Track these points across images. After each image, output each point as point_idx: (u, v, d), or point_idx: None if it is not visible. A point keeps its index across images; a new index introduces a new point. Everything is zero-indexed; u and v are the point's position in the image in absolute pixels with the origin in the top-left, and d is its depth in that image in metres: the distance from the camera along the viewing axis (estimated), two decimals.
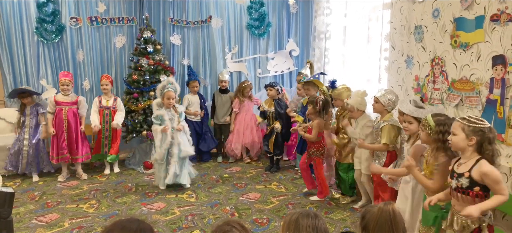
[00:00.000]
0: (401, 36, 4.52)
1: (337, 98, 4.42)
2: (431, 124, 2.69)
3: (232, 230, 1.55)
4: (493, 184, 2.26)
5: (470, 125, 2.31)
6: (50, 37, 5.76)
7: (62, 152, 5.25)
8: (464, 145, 2.33)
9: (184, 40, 6.40)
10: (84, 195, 4.78)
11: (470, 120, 2.32)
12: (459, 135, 2.35)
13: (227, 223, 1.58)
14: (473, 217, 2.25)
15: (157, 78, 5.73)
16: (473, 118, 2.34)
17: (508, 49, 3.12)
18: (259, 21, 6.64)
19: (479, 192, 2.30)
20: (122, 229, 1.36)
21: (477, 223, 2.34)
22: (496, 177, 2.25)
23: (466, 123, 2.32)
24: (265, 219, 4.09)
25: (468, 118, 2.34)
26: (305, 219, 1.69)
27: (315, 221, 1.67)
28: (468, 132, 2.31)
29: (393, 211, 1.71)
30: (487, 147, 2.28)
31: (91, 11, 5.98)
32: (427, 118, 2.74)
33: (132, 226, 1.37)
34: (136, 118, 5.71)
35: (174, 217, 4.15)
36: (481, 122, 2.31)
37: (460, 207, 2.38)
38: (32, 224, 4.01)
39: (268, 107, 5.61)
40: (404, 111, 3.24)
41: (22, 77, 5.71)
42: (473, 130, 2.30)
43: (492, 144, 2.28)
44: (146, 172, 5.65)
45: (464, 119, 2.35)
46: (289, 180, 5.29)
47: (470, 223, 2.34)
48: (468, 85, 3.53)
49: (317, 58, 6.66)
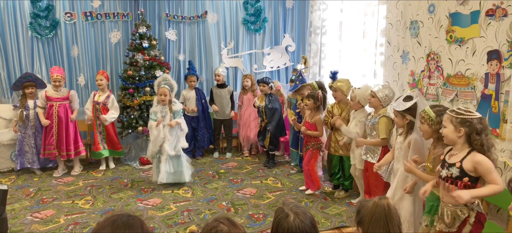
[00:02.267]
0: (397, 31, 4.52)
1: (338, 90, 4.43)
2: (432, 115, 2.70)
3: (219, 225, 1.55)
4: (486, 173, 2.27)
5: (458, 117, 2.32)
6: (44, 32, 5.73)
7: (49, 148, 5.20)
8: (454, 136, 2.35)
9: (179, 36, 6.38)
10: (80, 191, 4.77)
11: (458, 112, 2.33)
12: (448, 127, 2.37)
13: (215, 219, 1.58)
14: (461, 200, 2.22)
15: (153, 74, 5.71)
16: (462, 109, 2.34)
17: (503, 44, 3.12)
18: (255, 17, 6.62)
19: (467, 183, 2.32)
20: (113, 224, 1.37)
21: (467, 211, 2.36)
22: (488, 166, 2.26)
23: (454, 115, 2.34)
24: (261, 214, 4.09)
25: (456, 109, 2.35)
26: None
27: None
28: (455, 124, 2.33)
29: (387, 206, 1.71)
30: (475, 138, 2.28)
31: (86, 7, 5.94)
32: (427, 111, 2.75)
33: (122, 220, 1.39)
34: (131, 113, 5.69)
35: (170, 213, 4.15)
36: (469, 113, 2.31)
37: (448, 198, 2.40)
38: (27, 220, 3.99)
39: (260, 102, 5.61)
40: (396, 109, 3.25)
41: (16, 72, 5.67)
42: (461, 122, 2.31)
43: (481, 135, 2.28)
44: (142, 168, 5.64)
45: (452, 111, 2.37)
46: (285, 176, 5.30)
47: (459, 212, 2.37)
48: (463, 80, 3.54)
49: (313, 53, 6.66)
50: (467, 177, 2.31)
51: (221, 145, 6.44)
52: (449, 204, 2.42)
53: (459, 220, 2.38)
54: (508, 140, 3.02)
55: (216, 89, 6.18)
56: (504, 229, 3.00)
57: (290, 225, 1.66)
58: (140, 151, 5.84)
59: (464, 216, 2.37)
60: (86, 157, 5.78)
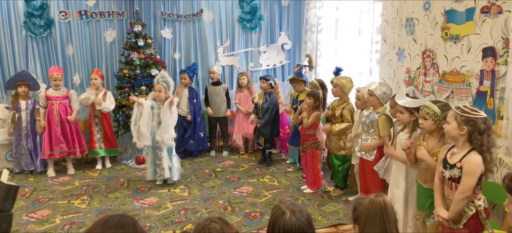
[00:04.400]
0: (393, 28, 4.53)
1: (337, 86, 4.42)
2: (437, 111, 2.70)
3: (211, 223, 1.55)
4: (464, 174, 2.29)
5: (462, 115, 2.31)
6: (39, 31, 5.68)
7: (60, 147, 5.18)
8: (456, 134, 2.35)
9: (175, 34, 6.36)
10: (76, 191, 4.75)
11: (464, 110, 2.32)
12: (451, 124, 2.36)
13: (208, 219, 1.59)
14: (440, 218, 2.44)
15: (148, 72, 5.68)
16: (468, 108, 2.32)
17: (498, 41, 3.13)
18: (251, 15, 6.61)
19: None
20: (104, 224, 1.37)
21: (474, 208, 2.37)
22: (469, 169, 2.27)
23: (459, 112, 2.32)
24: (258, 213, 4.09)
25: (462, 107, 2.33)
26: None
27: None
28: (459, 121, 2.32)
29: (384, 203, 1.71)
30: (476, 137, 2.27)
31: (81, 5, 5.90)
32: (429, 106, 2.74)
33: (114, 220, 1.38)
34: (127, 112, 5.67)
35: (167, 212, 4.14)
36: (475, 112, 2.29)
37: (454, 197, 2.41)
38: (22, 220, 3.97)
39: (259, 99, 5.60)
40: (400, 103, 3.24)
41: (11, 72, 5.63)
42: (465, 120, 2.30)
43: (483, 135, 2.27)
44: (138, 167, 5.63)
45: (458, 108, 2.34)
46: (282, 174, 5.30)
47: (467, 210, 2.37)
48: (459, 77, 3.55)
49: (309, 51, 6.66)
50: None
51: (217, 144, 6.43)
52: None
53: (466, 217, 2.39)
54: (503, 136, 3.03)
55: (211, 87, 6.16)
56: (499, 225, 3.01)
57: (286, 223, 1.66)
58: (136, 150, 5.81)
59: (471, 213, 2.37)
60: (82, 157, 5.75)
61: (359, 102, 4.05)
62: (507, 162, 2.97)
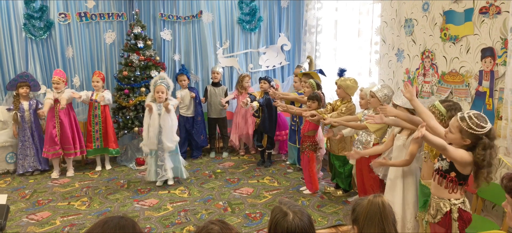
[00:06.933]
0: (392, 29, 4.54)
1: (340, 87, 4.42)
2: (442, 110, 2.70)
3: (210, 225, 1.55)
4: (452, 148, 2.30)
5: (468, 131, 2.25)
6: (39, 33, 5.69)
7: (55, 148, 5.20)
8: (459, 143, 2.32)
9: (174, 36, 6.36)
10: (76, 193, 4.75)
11: (470, 126, 2.23)
12: (455, 134, 2.31)
13: (209, 221, 1.59)
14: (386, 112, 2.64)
15: (148, 74, 5.69)
16: (474, 121, 2.23)
17: (496, 42, 3.14)
18: (250, 16, 6.62)
19: (454, 178, 2.34)
20: (103, 225, 1.37)
21: (448, 205, 2.40)
22: (457, 152, 2.27)
23: (465, 127, 2.25)
24: (258, 214, 4.09)
25: (468, 120, 2.24)
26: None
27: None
28: (464, 134, 2.27)
29: (382, 203, 1.72)
30: (480, 152, 2.23)
31: (80, 7, 5.90)
32: (436, 106, 2.74)
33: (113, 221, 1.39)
34: (127, 114, 5.67)
35: (167, 213, 4.14)
36: (480, 129, 2.22)
37: (435, 190, 2.47)
38: (23, 222, 3.97)
39: (258, 98, 5.62)
40: (398, 104, 3.25)
41: (11, 74, 5.63)
42: (470, 135, 2.25)
43: (486, 150, 2.22)
44: (138, 168, 5.63)
45: (464, 121, 2.26)
46: (281, 174, 5.30)
47: (442, 205, 2.41)
48: (458, 77, 3.56)
49: (308, 52, 6.66)
50: (454, 173, 2.34)
51: (217, 145, 6.43)
52: (435, 196, 2.49)
53: (441, 212, 2.42)
54: (502, 137, 3.04)
55: (211, 87, 6.17)
56: (499, 225, 3.02)
57: (290, 224, 1.66)
58: (136, 151, 5.82)
59: (446, 210, 2.40)
60: (81, 158, 5.76)
61: (363, 101, 4.08)
62: (506, 162, 2.97)
